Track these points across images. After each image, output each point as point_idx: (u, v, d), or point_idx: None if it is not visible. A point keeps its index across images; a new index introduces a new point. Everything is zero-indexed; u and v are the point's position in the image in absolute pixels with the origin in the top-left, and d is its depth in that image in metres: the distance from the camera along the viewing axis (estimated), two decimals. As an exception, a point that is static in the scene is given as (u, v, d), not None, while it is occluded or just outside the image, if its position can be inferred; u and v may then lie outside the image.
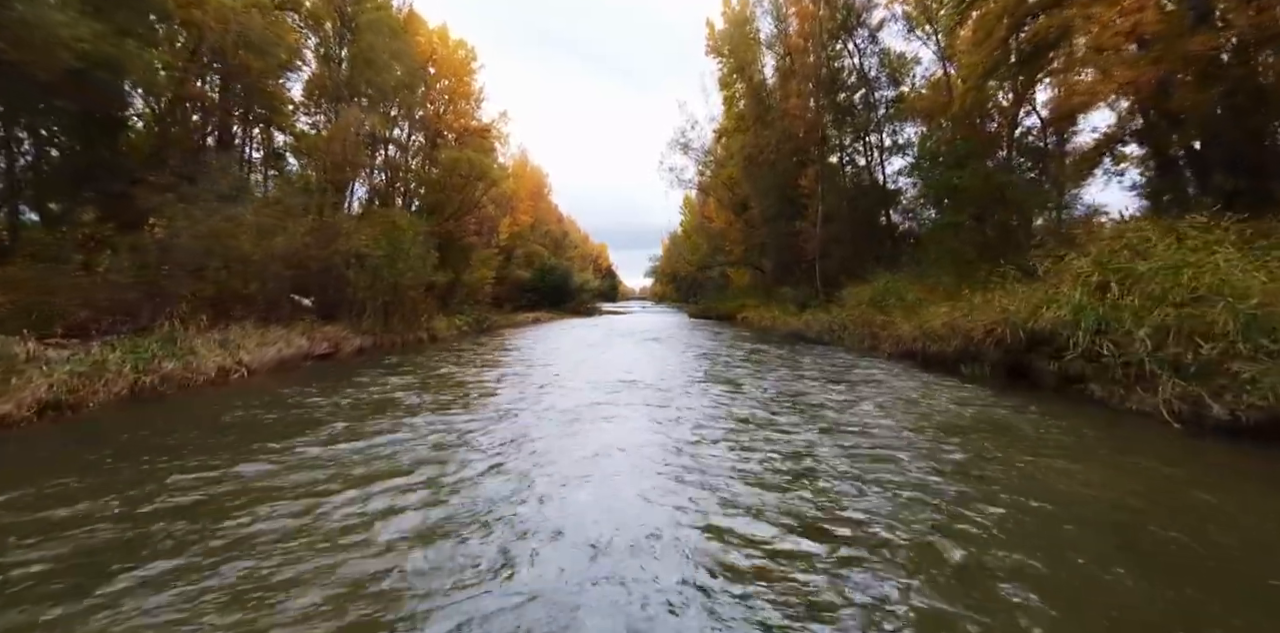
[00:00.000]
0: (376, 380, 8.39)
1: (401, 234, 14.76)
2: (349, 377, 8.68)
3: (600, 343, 15.62)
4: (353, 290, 13.05)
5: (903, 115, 20.83)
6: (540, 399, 7.24)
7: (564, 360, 11.37)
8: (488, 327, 21.23)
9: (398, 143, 27.92)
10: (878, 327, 13.08)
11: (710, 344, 15.09)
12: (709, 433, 5.54)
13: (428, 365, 10.27)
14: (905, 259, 20.74)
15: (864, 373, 9.46)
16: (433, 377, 9.04)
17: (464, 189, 29.36)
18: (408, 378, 8.77)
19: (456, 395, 7.46)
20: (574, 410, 6.51)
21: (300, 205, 12.39)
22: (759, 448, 5.04)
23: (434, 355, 12.15)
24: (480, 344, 15.05)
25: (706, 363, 11.00)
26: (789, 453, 4.89)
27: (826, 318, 16.66)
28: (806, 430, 5.57)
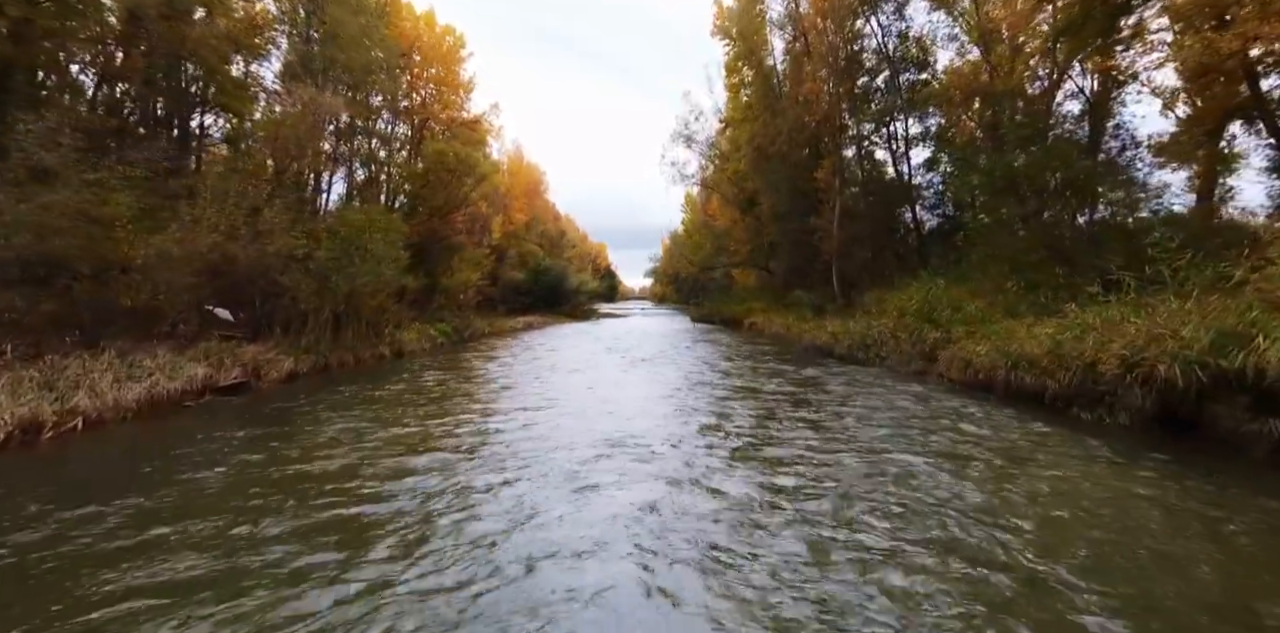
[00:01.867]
0: (211, 443, 5.65)
1: (357, 232, 12.23)
2: (191, 434, 6.10)
3: (589, 366, 11.96)
4: (293, 300, 10.54)
5: (934, 99, 18.27)
6: (479, 504, 4.18)
7: (539, 397, 8.54)
8: (470, 336, 18.72)
9: (379, 134, 25.47)
10: (929, 344, 10.58)
11: (724, 366, 12.52)
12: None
13: (346, 406, 7.69)
14: (936, 261, 18.24)
15: (956, 425, 6.94)
16: (322, 437, 5.90)
17: (451, 184, 26.91)
18: (270, 445, 5.55)
19: (326, 489, 4.53)
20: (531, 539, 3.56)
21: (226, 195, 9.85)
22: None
23: (378, 383, 9.61)
24: (449, 363, 12.49)
25: (727, 402, 8.28)
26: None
27: (857, 329, 14.13)
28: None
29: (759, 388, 9.03)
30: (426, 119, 27.49)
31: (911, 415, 6.91)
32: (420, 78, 27.42)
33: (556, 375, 10.41)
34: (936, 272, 17.21)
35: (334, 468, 4.89)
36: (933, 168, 21.57)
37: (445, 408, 7.37)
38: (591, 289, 44.93)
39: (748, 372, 10.91)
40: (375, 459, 5.14)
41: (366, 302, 12.60)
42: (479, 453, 5.41)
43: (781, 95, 24.89)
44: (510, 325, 25.48)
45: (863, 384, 9.48)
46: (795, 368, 11.46)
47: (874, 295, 18.27)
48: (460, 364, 12.00)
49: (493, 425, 6.49)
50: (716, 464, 5.01)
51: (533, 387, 9.15)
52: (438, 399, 7.97)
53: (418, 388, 8.97)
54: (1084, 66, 16.04)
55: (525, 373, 10.63)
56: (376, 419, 6.72)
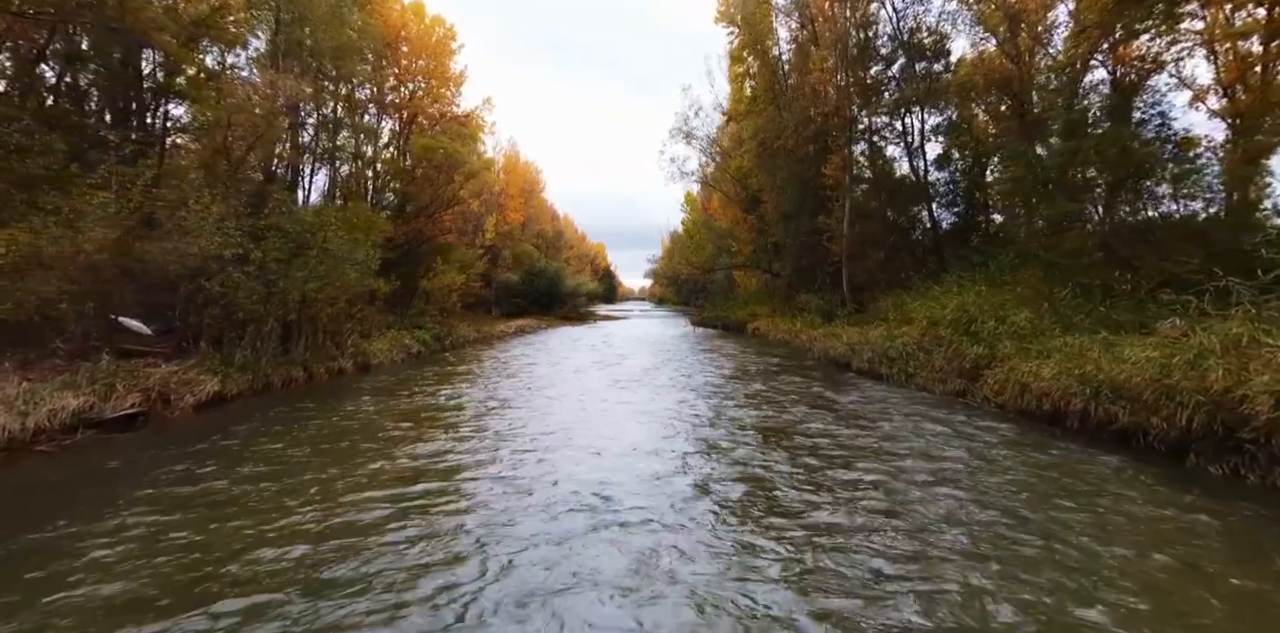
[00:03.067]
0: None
1: (311, 230, 10.59)
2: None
3: (573, 389, 9.50)
4: (227, 308, 8.90)
5: (958, 88, 16.61)
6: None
7: (489, 445, 6.20)
8: (452, 343, 17.07)
9: (361, 127, 23.85)
10: (970, 361, 8.92)
11: (733, 387, 10.81)
12: None
13: (261, 445, 6.07)
14: (958, 263, 16.59)
15: (1041, 478, 5.28)
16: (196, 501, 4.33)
17: (438, 181, 25.33)
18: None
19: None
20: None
21: (133, 184, 8.19)
22: None
23: (319, 410, 7.94)
24: (416, 381, 10.74)
25: (749, 461, 5.71)
26: None
27: (877, 339, 12.48)
28: None
29: (784, 426, 6.97)
30: (415, 114, 25.91)
31: (1017, 482, 5.19)
32: (408, 70, 25.80)
33: (527, 404, 8.35)
34: (958, 275, 15.58)
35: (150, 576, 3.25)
36: (943, 166, 19.97)
37: (356, 464, 5.71)
38: (589, 291, 43.30)
39: (761, 396, 9.06)
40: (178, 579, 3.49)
41: (324, 308, 10.96)
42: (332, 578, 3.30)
43: (787, 87, 23.26)
44: (500, 330, 23.86)
45: (906, 413, 7.78)
46: (815, 387, 9.79)
47: (891, 301, 16.64)
48: (421, 383, 10.20)
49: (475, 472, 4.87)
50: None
51: (493, 423, 7.03)
52: (353, 448, 6.27)
53: (362, 423, 7.29)
54: (1110, 56, 14.53)
55: (492, 398, 8.76)
56: (254, 487, 5.08)
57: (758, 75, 23.84)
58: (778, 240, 25.30)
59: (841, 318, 18.63)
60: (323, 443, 6.10)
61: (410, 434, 6.46)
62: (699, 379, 10.68)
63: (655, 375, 11.22)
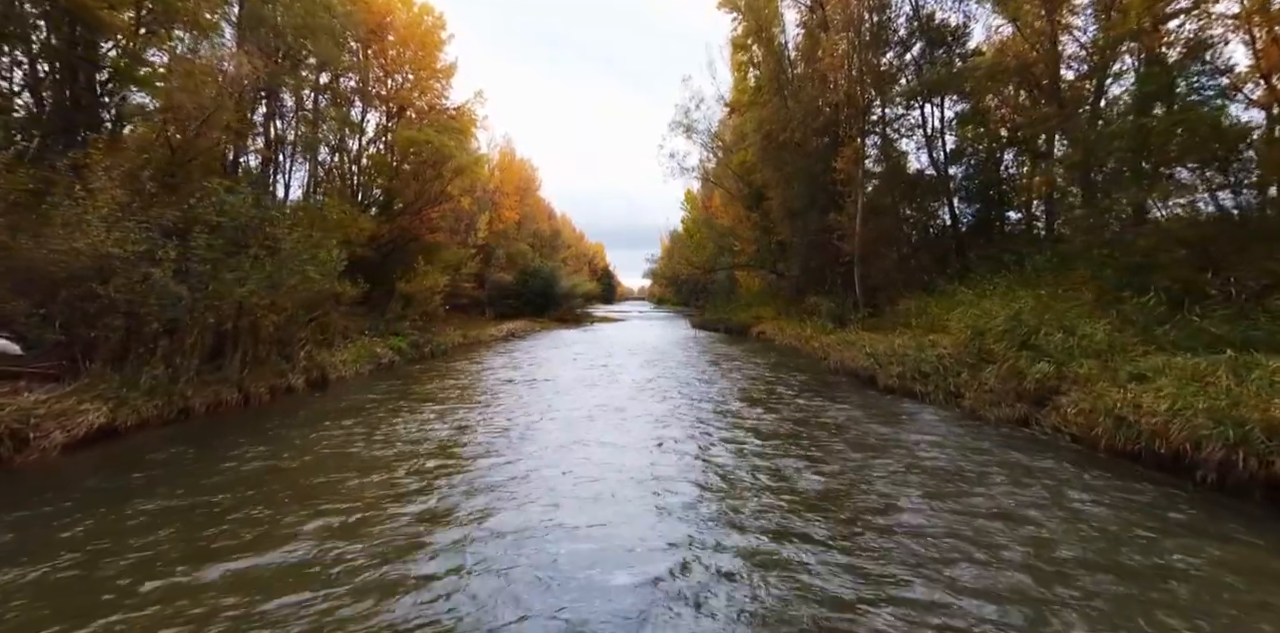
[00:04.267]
0: None
1: (250, 226, 8.90)
2: None
3: (548, 421, 7.32)
4: (131, 317, 7.21)
5: (986, 71, 14.90)
6: None
7: (416, 525, 4.89)
8: (431, 351, 15.38)
9: (338, 117, 22.17)
10: (1034, 382, 7.24)
11: (743, 411, 8.27)
12: None
13: (104, 518, 4.38)
14: (983, 265, 14.90)
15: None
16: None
17: (425, 176, 23.64)
18: None
19: None
20: None
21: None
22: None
23: (211, 455, 6.25)
24: (361, 408, 8.82)
25: (779, 554, 3.61)
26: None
27: (907, 349, 10.80)
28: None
29: (824, 486, 4.91)
30: (403, 106, 24.24)
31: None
32: (394, 60, 24.09)
33: (485, 454, 6.01)
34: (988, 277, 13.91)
35: None
36: (961, 159, 18.32)
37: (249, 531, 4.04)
38: (585, 291, 41.61)
39: (781, 430, 7.05)
40: None
41: (267, 316, 9.26)
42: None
43: (794, 77, 21.57)
44: (490, 334, 22.17)
45: (991, 460, 6.07)
46: (853, 413, 8.08)
47: (912, 304, 14.98)
48: (366, 412, 8.07)
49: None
50: None
51: (420, 499, 4.65)
52: (215, 522, 4.57)
53: (248, 476, 5.56)
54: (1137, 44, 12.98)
55: (440, 440, 6.60)
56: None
57: (762, 64, 22.15)
58: (783, 239, 23.64)
59: (855, 322, 16.98)
60: (185, 515, 4.42)
61: (299, 508, 4.73)
62: (704, 401, 8.84)
63: (652, 394, 9.42)
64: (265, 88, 17.22)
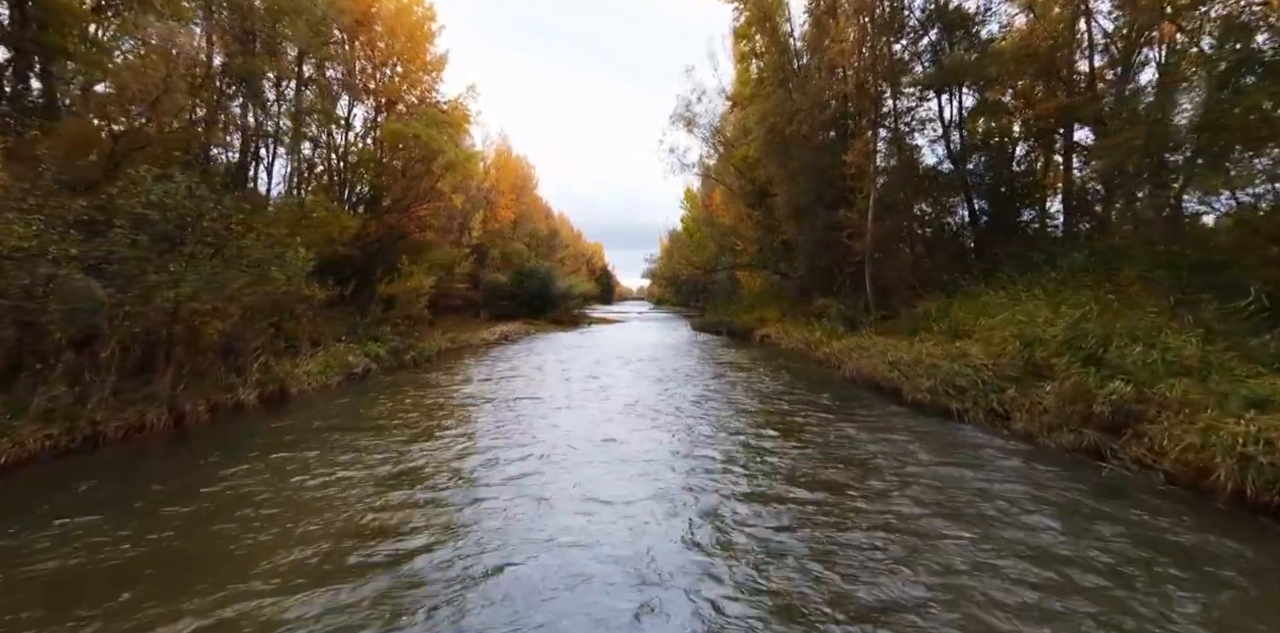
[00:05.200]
0: None
1: (187, 221, 7.61)
2: None
3: (523, 453, 6.05)
4: (25, 327, 5.94)
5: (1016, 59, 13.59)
6: None
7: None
8: (414, 358, 14.09)
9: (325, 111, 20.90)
10: (1106, 404, 5.99)
11: (754, 438, 6.73)
12: None
13: None
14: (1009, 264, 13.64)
15: None
16: None
17: (413, 172, 22.39)
18: None
19: None
20: None
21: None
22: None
23: (68, 507, 4.96)
24: (316, 433, 7.58)
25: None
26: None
27: (932, 357, 9.54)
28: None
29: (915, 598, 3.29)
30: (392, 100, 22.94)
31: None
32: (381, 52, 22.80)
33: (435, 512, 4.61)
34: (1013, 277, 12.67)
35: None
36: (977, 153, 17.05)
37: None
38: (583, 292, 40.32)
39: (822, 477, 5.38)
40: None
41: (211, 323, 7.98)
42: None
43: (799, 67, 20.30)
44: (480, 338, 20.89)
45: (1114, 536, 4.76)
46: (895, 439, 6.78)
47: (932, 307, 13.72)
48: (315, 440, 6.71)
49: None
50: None
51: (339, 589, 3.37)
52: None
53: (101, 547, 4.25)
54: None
55: (380, 497, 4.93)
56: None
57: (766, 54, 20.86)
58: (788, 238, 22.38)
59: (867, 326, 15.72)
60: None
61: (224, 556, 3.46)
62: (722, 441, 6.91)
63: (644, 415, 7.98)
64: (242, 76, 15.98)
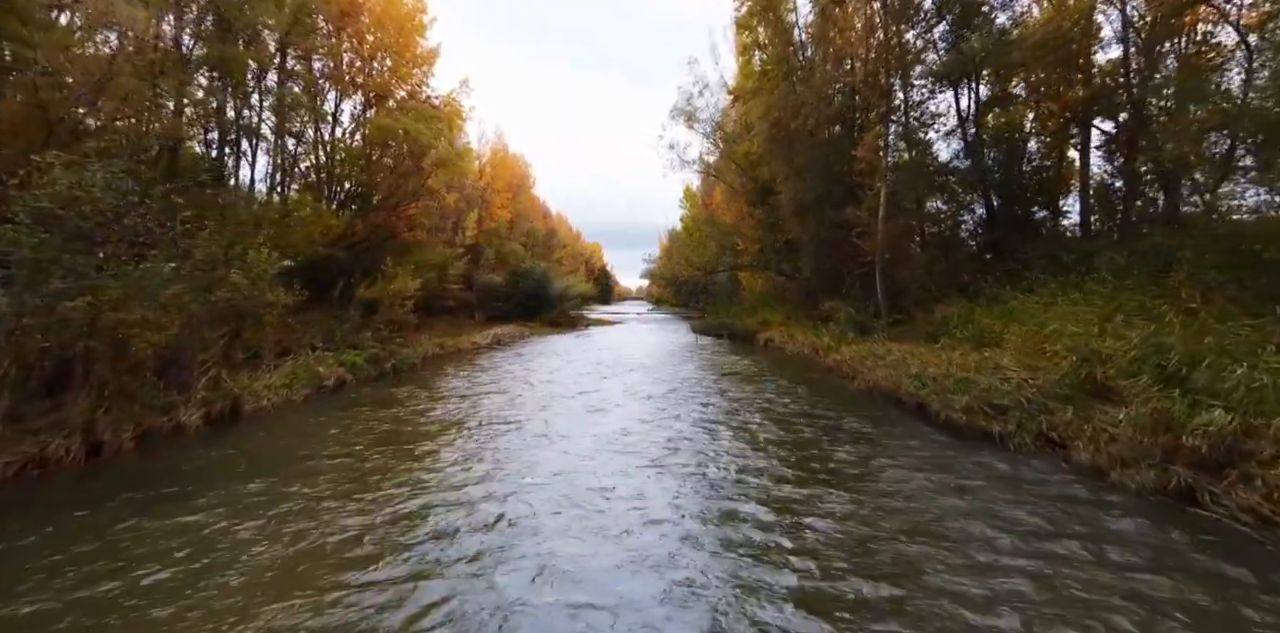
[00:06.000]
0: None
1: (106, 218, 6.47)
2: None
3: (487, 511, 4.67)
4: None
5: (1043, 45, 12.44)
6: None
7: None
8: (395, 367, 12.96)
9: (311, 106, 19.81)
10: (1202, 438, 4.87)
11: (803, 515, 4.45)
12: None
13: None
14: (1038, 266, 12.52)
15: None
16: None
17: (401, 169, 21.27)
18: None
19: None
20: None
21: None
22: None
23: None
24: (246, 463, 6.45)
25: None
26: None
27: (965, 370, 8.42)
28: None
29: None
30: (381, 94, 21.79)
31: None
32: (368, 44, 21.66)
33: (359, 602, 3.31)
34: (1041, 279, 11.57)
35: None
36: (988, 148, 15.93)
37: None
38: (580, 293, 39.19)
39: (862, 540, 4.10)
40: None
41: (144, 335, 6.84)
42: None
43: (805, 59, 19.17)
44: (471, 342, 19.75)
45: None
46: (952, 503, 5.60)
47: (952, 311, 12.61)
48: (237, 479, 5.52)
49: None
50: None
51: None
52: None
53: None
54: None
55: (291, 571, 3.69)
56: None
57: (770, 45, 19.72)
58: (792, 237, 21.25)
59: (879, 331, 14.60)
60: None
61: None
62: (734, 490, 5.77)
63: (645, 475, 5.55)
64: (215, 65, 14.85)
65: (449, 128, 23.71)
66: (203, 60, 13.46)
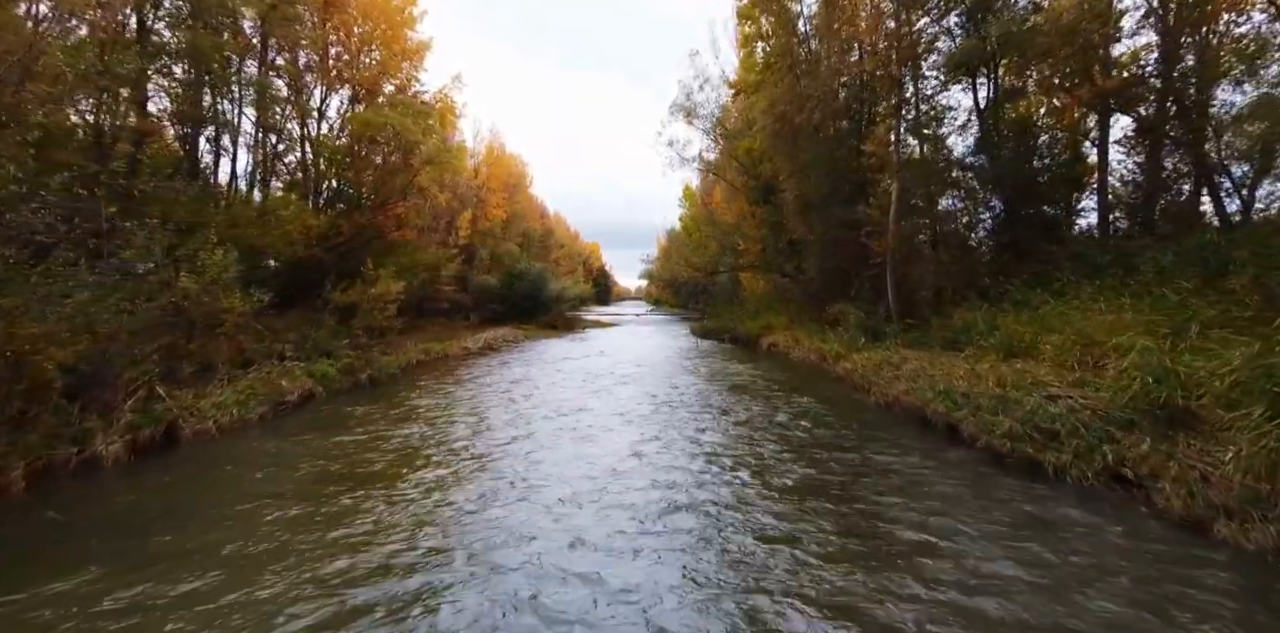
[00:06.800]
0: None
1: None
2: None
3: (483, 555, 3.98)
4: None
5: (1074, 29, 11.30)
6: None
7: None
8: (371, 377, 11.83)
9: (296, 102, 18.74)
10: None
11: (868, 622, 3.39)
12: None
13: None
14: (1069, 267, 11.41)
15: None
16: None
17: (388, 166, 20.17)
18: None
19: None
20: None
21: None
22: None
23: None
24: (107, 536, 5.30)
25: None
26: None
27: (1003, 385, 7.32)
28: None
29: None
30: (370, 89, 20.68)
31: None
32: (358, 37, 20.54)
33: None
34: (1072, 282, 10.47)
35: None
36: (1004, 144, 14.80)
37: None
38: (577, 294, 38.08)
39: None
40: None
41: (47, 352, 5.72)
42: None
43: (811, 50, 18.06)
44: (462, 347, 18.61)
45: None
46: (1033, 576, 4.48)
47: (976, 316, 11.49)
48: (118, 534, 4.40)
49: None
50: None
51: None
52: None
53: None
54: None
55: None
56: None
57: (774, 35, 18.59)
58: (796, 237, 20.13)
59: (891, 337, 13.49)
60: None
61: None
62: (735, 538, 4.38)
63: (636, 551, 4.14)
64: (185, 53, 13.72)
65: (441, 124, 22.58)
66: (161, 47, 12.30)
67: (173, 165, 13.60)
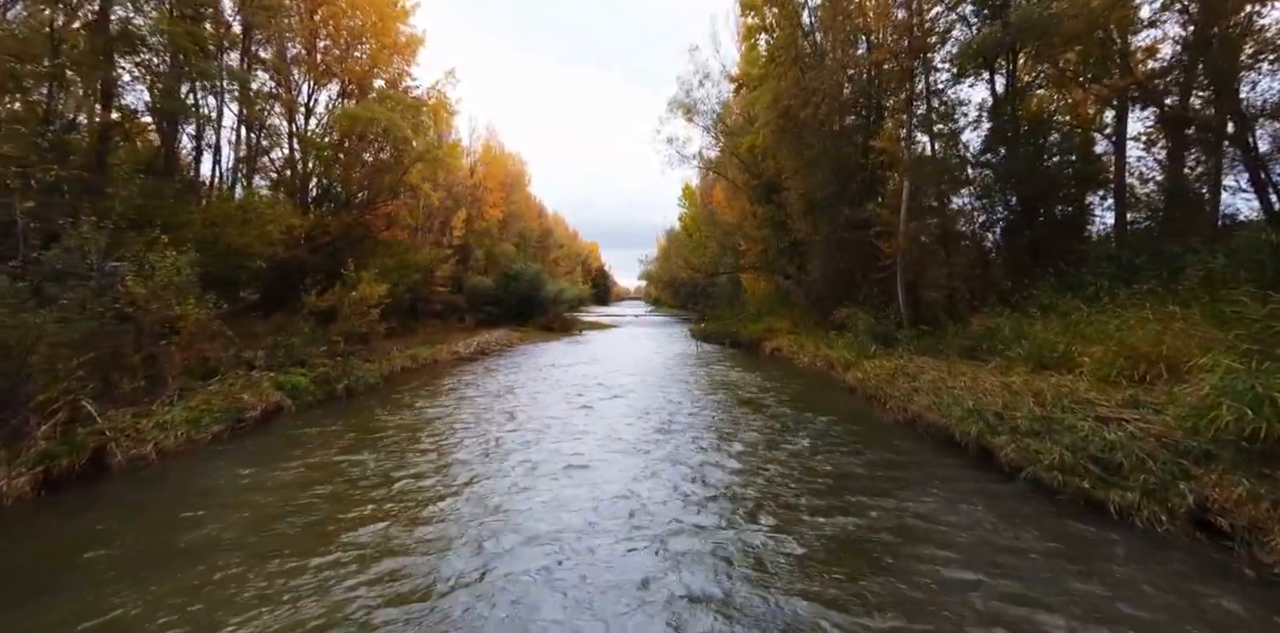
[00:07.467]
0: None
1: None
2: None
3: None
4: None
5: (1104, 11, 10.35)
6: None
7: None
8: (347, 389, 10.87)
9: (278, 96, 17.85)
10: None
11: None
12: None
13: None
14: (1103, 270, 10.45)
15: None
16: None
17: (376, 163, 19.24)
18: None
19: None
20: None
21: None
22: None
23: None
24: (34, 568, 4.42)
25: None
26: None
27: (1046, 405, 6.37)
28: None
29: None
30: (359, 84, 19.75)
31: None
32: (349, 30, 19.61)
33: None
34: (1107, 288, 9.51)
35: None
36: (1016, 142, 13.84)
37: None
38: (575, 295, 37.11)
39: None
40: None
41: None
42: None
43: (818, 41, 17.10)
44: (453, 351, 17.64)
45: None
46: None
47: (1001, 323, 10.55)
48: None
49: None
50: None
51: None
52: None
53: None
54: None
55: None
56: None
57: (779, 27, 17.63)
58: (799, 237, 19.19)
59: (903, 344, 12.55)
60: None
61: None
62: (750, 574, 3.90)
63: (624, 604, 3.52)
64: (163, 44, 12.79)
65: (434, 121, 21.65)
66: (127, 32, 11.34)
67: (148, 160, 12.67)
